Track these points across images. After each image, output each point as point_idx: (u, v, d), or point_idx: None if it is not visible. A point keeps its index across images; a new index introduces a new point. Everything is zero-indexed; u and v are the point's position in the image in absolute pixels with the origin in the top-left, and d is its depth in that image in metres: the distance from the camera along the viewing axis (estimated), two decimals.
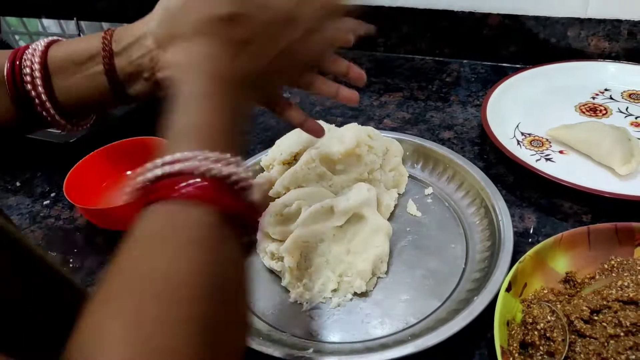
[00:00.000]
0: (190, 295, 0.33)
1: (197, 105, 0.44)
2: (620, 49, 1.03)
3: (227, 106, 0.45)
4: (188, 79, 0.46)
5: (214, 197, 0.38)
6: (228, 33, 0.48)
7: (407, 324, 0.62)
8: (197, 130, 0.42)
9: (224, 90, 0.45)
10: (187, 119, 0.43)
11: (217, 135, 0.42)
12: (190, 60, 0.47)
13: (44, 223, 0.87)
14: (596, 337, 0.54)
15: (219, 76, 0.46)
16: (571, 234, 0.64)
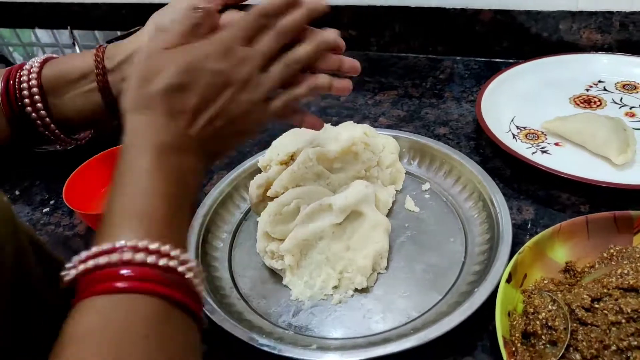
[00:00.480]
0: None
1: (138, 184, 0.44)
2: (612, 41, 1.04)
3: (169, 183, 0.45)
4: (132, 150, 0.46)
5: (149, 286, 0.38)
6: (170, 104, 0.47)
7: (409, 318, 0.62)
8: (136, 219, 0.42)
9: (167, 163, 0.45)
10: (128, 201, 0.43)
11: (155, 225, 0.42)
12: (136, 130, 0.47)
13: (44, 230, 0.87)
14: (598, 325, 0.54)
15: (162, 147, 0.46)
16: (570, 224, 0.64)
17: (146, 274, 0.38)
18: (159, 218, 0.43)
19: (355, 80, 1.13)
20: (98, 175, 0.85)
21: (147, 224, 0.41)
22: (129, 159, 0.45)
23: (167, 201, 0.44)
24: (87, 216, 0.78)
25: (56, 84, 0.58)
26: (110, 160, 0.86)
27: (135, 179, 0.44)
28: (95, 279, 0.37)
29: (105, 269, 0.38)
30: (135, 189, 0.43)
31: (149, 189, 0.43)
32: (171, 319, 0.39)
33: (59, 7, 1.54)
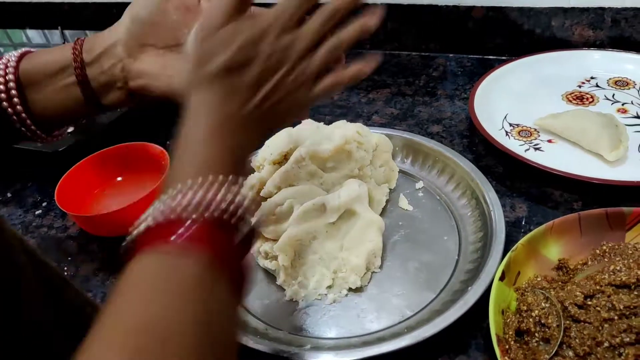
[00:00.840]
0: (182, 346, 0.33)
1: (195, 151, 0.45)
2: (604, 37, 1.04)
3: (225, 146, 0.46)
4: (190, 125, 0.47)
5: (205, 245, 0.38)
6: (229, 82, 0.48)
7: (403, 317, 0.62)
8: (197, 162, 0.44)
9: (223, 134, 0.46)
10: (187, 157, 0.45)
11: (214, 162, 0.44)
12: (194, 109, 0.48)
13: (37, 233, 0.86)
14: (590, 322, 0.54)
15: (218, 123, 0.46)
16: (562, 221, 0.65)
17: (201, 232, 0.39)
18: (218, 158, 0.45)
19: None
20: (91, 177, 0.85)
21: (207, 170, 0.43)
22: (186, 133, 0.46)
23: (230, 153, 0.46)
24: (79, 218, 0.77)
25: (34, 78, 0.58)
26: (102, 161, 0.86)
27: (192, 148, 0.45)
28: (159, 233, 0.39)
29: (169, 223, 0.39)
30: (192, 155, 0.45)
31: (206, 154, 0.44)
32: (219, 272, 0.39)
33: (49, 7, 1.53)
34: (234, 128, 0.47)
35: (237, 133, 0.47)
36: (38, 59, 0.58)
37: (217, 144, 0.45)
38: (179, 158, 0.45)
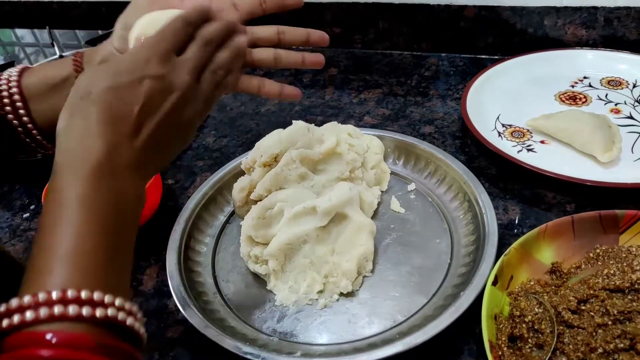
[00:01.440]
0: None
1: (68, 218, 0.39)
2: (597, 36, 1.03)
3: (105, 213, 0.41)
4: (62, 173, 0.41)
5: (78, 355, 0.34)
6: (111, 108, 0.44)
7: (395, 322, 0.62)
8: (66, 261, 0.37)
9: (102, 188, 0.41)
10: (57, 239, 0.38)
11: (87, 267, 0.38)
12: (68, 147, 0.43)
13: (24, 236, 0.85)
14: (584, 327, 0.54)
15: (98, 166, 0.42)
16: (555, 224, 0.64)
17: (74, 339, 0.34)
18: (92, 258, 0.38)
19: (340, 78, 1.13)
20: None
21: (79, 266, 0.37)
22: (58, 187, 0.41)
23: (103, 236, 0.40)
24: None
25: (38, 91, 0.57)
26: None
27: (65, 212, 0.39)
28: (19, 341, 0.34)
29: (30, 332, 0.34)
30: (64, 224, 0.39)
31: (80, 223, 0.39)
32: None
33: (38, 6, 1.52)
34: (115, 171, 0.43)
35: (121, 177, 0.43)
36: (40, 73, 0.58)
37: (93, 208, 0.40)
38: (49, 230, 0.39)
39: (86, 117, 0.43)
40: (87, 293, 0.36)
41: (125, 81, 0.45)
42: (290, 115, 1.04)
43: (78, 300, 0.35)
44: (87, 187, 0.40)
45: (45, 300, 0.35)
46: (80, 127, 0.43)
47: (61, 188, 0.40)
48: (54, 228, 0.39)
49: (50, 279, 0.36)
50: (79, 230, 0.39)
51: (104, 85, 0.45)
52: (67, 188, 0.40)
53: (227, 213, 0.80)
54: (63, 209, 0.39)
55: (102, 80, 0.45)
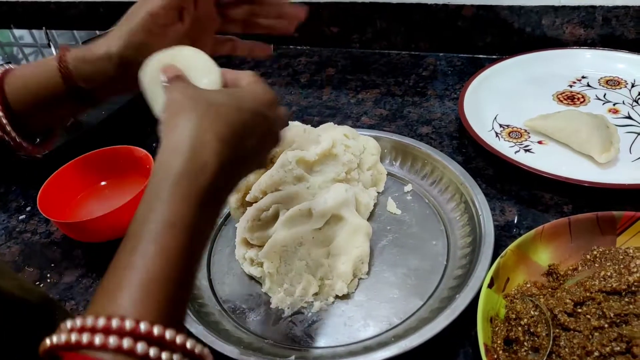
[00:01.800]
0: None
1: (159, 238, 0.37)
2: (595, 36, 1.03)
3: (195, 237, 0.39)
4: (168, 182, 0.40)
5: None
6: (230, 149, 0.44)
7: (390, 325, 0.61)
8: (138, 290, 0.35)
9: (198, 216, 0.39)
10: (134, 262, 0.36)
11: (158, 302, 0.36)
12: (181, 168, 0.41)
13: (20, 238, 0.85)
14: (580, 330, 0.53)
15: (204, 192, 0.40)
16: (552, 225, 0.63)
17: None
18: (165, 292, 0.36)
19: (337, 78, 1.12)
20: (74, 182, 0.84)
21: (148, 300, 0.35)
22: (160, 195, 0.39)
23: (182, 267, 0.38)
24: (63, 224, 0.76)
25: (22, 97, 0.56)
26: (86, 165, 0.84)
27: (173, 234, 0.37)
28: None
29: (83, 355, 0.33)
30: (150, 243, 0.37)
31: (169, 248, 0.37)
32: None
33: (35, 6, 1.51)
34: (213, 199, 0.42)
35: (216, 204, 0.43)
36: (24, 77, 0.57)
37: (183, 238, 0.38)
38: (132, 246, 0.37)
39: (207, 125, 0.42)
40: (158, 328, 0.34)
41: (250, 110, 0.46)
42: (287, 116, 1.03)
43: (140, 335, 0.33)
44: (189, 208, 0.39)
45: (103, 325, 0.33)
46: (198, 134, 0.42)
47: (161, 199, 0.39)
48: (138, 243, 0.37)
49: (116, 305, 0.34)
50: (163, 254, 0.37)
51: (230, 105, 0.45)
52: (167, 200, 0.39)
53: (223, 215, 0.80)
54: (154, 224, 0.38)
55: (226, 99, 0.46)
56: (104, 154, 0.85)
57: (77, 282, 0.75)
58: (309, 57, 1.24)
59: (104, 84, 0.56)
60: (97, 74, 0.55)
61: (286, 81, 1.16)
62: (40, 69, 0.56)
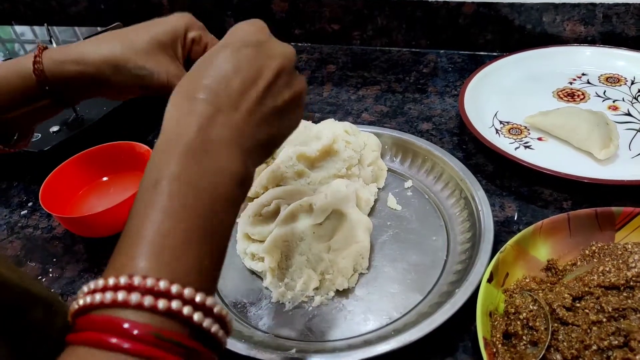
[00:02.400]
0: None
1: (161, 197, 0.37)
2: (596, 33, 1.03)
3: (196, 189, 0.38)
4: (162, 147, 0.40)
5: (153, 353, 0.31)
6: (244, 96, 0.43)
7: (390, 319, 0.62)
8: (154, 245, 0.35)
9: (201, 164, 0.39)
10: (148, 220, 0.36)
11: (181, 262, 0.35)
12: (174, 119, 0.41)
13: (22, 233, 0.85)
14: (578, 325, 0.54)
15: (201, 139, 0.40)
16: (551, 221, 0.64)
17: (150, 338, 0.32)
18: (183, 247, 0.36)
19: (338, 75, 1.13)
20: (76, 177, 0.84)
21: (166, 253, 0.35)
22: (149, 167, 0.39)
23: (194, 218, 0.37)
24: (65, 219, 0.76)
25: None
26: (88, 161, 0.85)
27: (155, 193, 0.37)
28: (94, 323, 0.32)
29: (106, 315, 0.32)
30: (154, 205, 0.37)
31: (170, 204, 0.37)
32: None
33: (37, 3, 1.52)
34: (217, 147, 0.41)
35: (224, 152, 0.41)
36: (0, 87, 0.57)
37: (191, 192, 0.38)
38: (142, 206, 0.37)
39: (185, 93, 0.42)
40: (176, 286, 0.34)
41: (222, 54, 0.44)
42: None
43: (159, 292, 0.33)
44: (178, 165, 0.38)
45: (124, 284, 0.33)
46: (177, 105, 0.42)
47: (151, 169, 0.39)
48: (144, 210, 0.37)
49: (135, 262, 0.34)
50: (168, 211, 0.36)
51: (204, 62, 0.44)
52: (158, 168, 0.38)
53: None
54: (152, 189, 0.37)
55: (202, 59, 0.45)
56: (106, 149, 0.86)
57: (79, 277, 0.75)
58: (309, 54, 1.25)
59: (76, 87, 0.57)
60: (70, 77, 0.56)
61: None
62: (14, 67, 0.56)
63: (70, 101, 0.59)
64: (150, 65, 0.54)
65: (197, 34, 0.58)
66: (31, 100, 0.57)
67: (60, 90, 0.56)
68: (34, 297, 0.44)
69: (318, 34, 1.26)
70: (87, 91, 0.58)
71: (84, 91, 0.58)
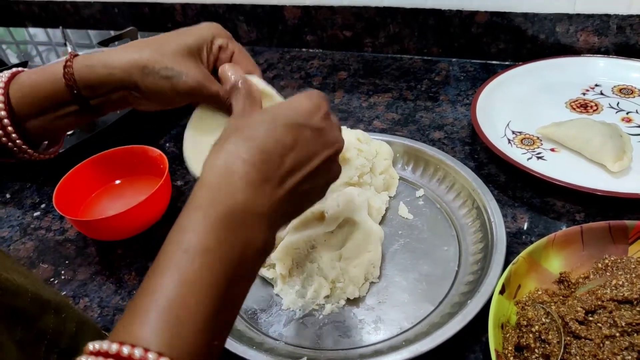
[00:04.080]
0: None
1: (184, 262, 0.37)
2: (609, 44, 1.03)
3: (223, 261, 0.38)
4: (192, 212, 0.39)
5: None
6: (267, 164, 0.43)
7: (401, 329, 0.62)
8: (166, 319, 0.34)
9: (230, 238, 0.39)
10: (164, 286, 0.36)
11: (186, 335, 0.35)
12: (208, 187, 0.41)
13: (34, 235, 0.86)
14: (591, 339, 0.53)
15: (231, 212, 0.39)
16: (564, 233, 0.64)
17: None
18: (194, 324, 0.35)
19: (349, 82, 1.13)
20: (89, 180, 0.85)
21: (176, 326, 0.34)
22: (183, 225, 0.39)
23: (213, 289, 0.37)
24: (77, 222, 0.77)
25: (27, 104, 0.56)
26: (102, 163, 0.85)
27: (181, 256, 0.37)
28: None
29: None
30: (176, 269, 0.36)
31: (193, 272, 0.36)
32: None
33: (51, 5, 1.53)
34: (248, 221, 0.40)
35: (252, 227, 0.40)
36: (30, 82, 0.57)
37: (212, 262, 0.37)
38: (160, 271, 0.37)
39: (236, 152, 0.42)
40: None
41: (284, 124, 0.45)
42: None
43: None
44: (214, 237, 0.38)
45: (127, 355, 0.33)
46: (227, 163, 0.42)
47: (185, 227, 0.39)
48: (169, 272, 0.36)
49: (143, 334, 0.34)
50: (192, 283, 0.36)
51: (263, 125, 0.44)
52: (194, 230, 0.38)
53: None
54: (183, 254, 0.37)
55: (260, 119, 0.45)
56: (119, 153, 0.86)
57: (91, 280, 0.76)
58: (321, 60, 1.25)
59: (104, 92, 0.57)
60: (98, 81, 0.56)
61: (298, 84, 1.16)
62: (46, 74, 0.57)
63: (98, 109, 0.59)
64: (178, 66, 0.55)
65: (224, 41, 0.59)
66: (60, 105, 0.57)
67: (88, 96, 0.57)
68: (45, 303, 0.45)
69: (330, 41, 1.26)
70: (116, 99, 0.58)
71: (114, 99, 0.58)
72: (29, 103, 0.56)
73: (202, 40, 0.57)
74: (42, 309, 0.44)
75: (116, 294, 0.73)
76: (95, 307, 0.72)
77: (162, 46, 0.56)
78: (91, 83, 0.56)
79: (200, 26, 0.59)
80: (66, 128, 0.61)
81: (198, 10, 1.33)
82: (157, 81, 0.55)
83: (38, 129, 0.58)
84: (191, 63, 0.56)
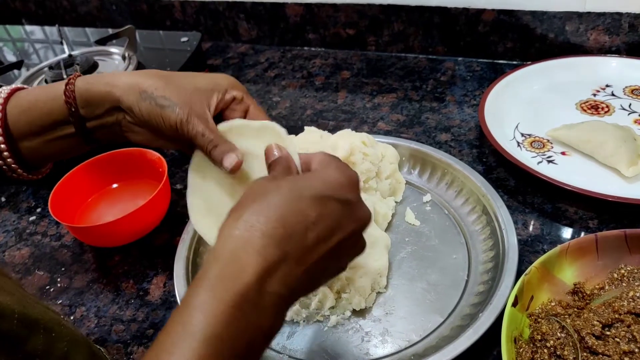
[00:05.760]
0: None
1: (189, 346, 0.35)
2: (621, 43, 1.00)
3: (230, 345, 0.36)
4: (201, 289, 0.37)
5: None
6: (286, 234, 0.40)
7: (410, 342, 0.59)
8: None
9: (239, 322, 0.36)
10: None
11: None
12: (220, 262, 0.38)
13: (30, 240, 0.84)
14: (609, 355, 0.51)
15: (245, 293, 0.37)
16: (578, 242, 0.61)
17: None
18: None
19: (353, 81, 1.10)
20: (86, 184, 0.83)
21: None
22: (192, 302, 0.37)
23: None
24: (74, 228, 0.74)
25: (28, 131, 0.56)
26: (98, 167, 0.83)
27: (197, 343, 0.35)
28: None
29: None
30: (179, 353, 0.35)
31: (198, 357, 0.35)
32: None
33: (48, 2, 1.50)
34: (261, 302, 0.38)
35: (264, 309, 0.38)
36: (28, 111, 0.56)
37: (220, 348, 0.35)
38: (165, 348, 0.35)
39: (255, 223, 0.39)
40: None
41: (310, 196, 0.42)
42: (302, 120, 1.01)
43: None
44: (223, 321, 0.36)
45: None
46: (243, 235, 0.39)
47: (194, 307, 0.36)
48: (171, 356, 0.35)
49: None
50: None
51: (289, 193, 0.41)
52: (204, 312, 0.36)
53: None
54: (186, 335, 0.35)
55: (286, 185, 0.42)
56: (117, 156, 0.84)
57: (88, 288, 0.73)
58: (323, 59, 1.22)
59: (101, 114, 0.56)
60: (97, 98, 0.55)
61: (300, 83, 1.14)
62: (46, 91, 0.56)
63: (92, 134, 0.57)
64: (176, 99, 0.53)
65: (240, 94, 0.57)
66: (56, 125, 0.56)
67: (85, 115, 0.55)
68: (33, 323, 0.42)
69: (332, 39, 1.24)
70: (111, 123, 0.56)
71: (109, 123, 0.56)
72: (25, 121, 0.55)
73: (215, 85, 0.56)
74: (30, 329, 0.41)
75: (113, 303, 0.71)
76: (92, 316, 0.69)
77: (170, 79, 0.54)
78: (90, 99, 0.54)
79: (217, 74, 0.58)
80: (59, 154, 0.59)
81: (197, 7, 1.30)
82: (151, 108, 0.53)
83: (31, 151, 0.57)
84: (193, 99, 0.53)
